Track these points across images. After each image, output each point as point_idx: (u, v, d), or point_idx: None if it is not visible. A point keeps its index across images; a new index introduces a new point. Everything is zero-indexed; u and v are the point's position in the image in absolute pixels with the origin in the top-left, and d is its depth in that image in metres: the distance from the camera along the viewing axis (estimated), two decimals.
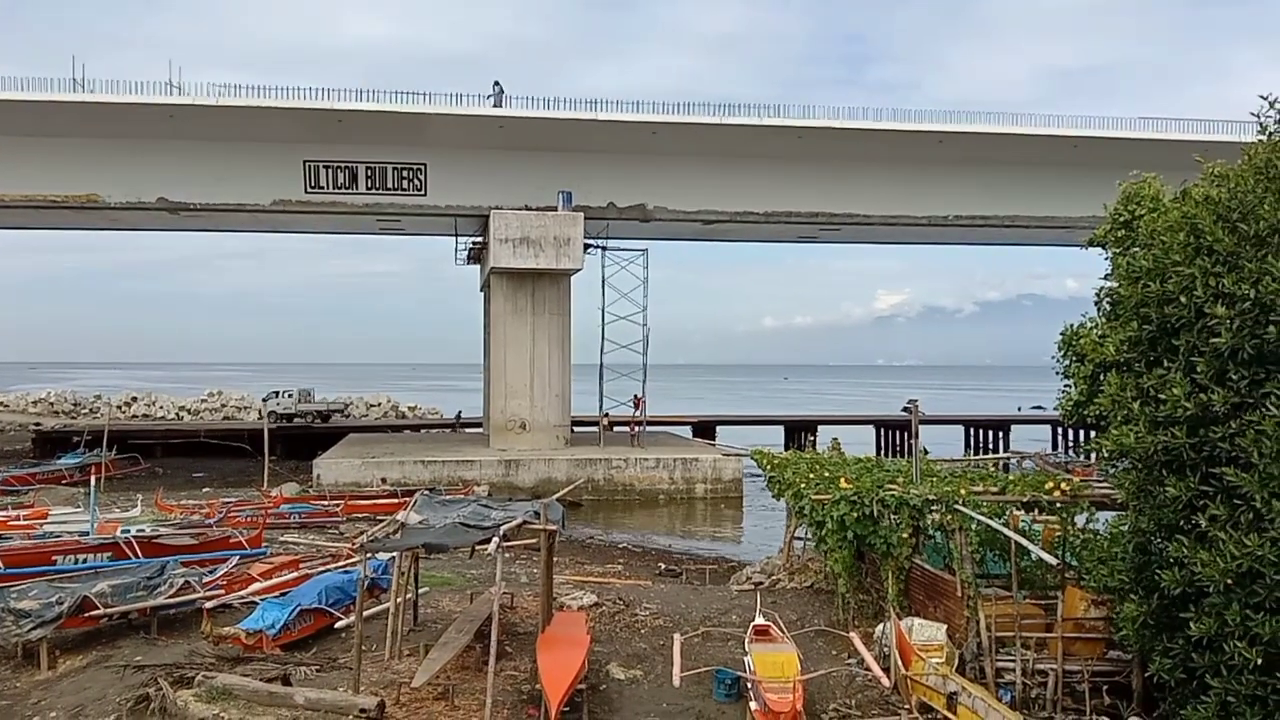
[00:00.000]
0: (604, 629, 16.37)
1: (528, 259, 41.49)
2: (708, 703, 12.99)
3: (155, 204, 41.75)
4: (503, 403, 44.16)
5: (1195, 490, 9.74)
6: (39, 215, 44.84)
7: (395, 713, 12.12)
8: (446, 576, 20.94)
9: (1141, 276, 10.71)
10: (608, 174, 43.60)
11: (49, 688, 13.58)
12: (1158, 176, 14.40)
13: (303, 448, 50.18)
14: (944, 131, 42.77)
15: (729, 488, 41.14)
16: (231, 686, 12.23)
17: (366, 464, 39.59)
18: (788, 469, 19.58)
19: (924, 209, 45.91)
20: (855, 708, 12.75)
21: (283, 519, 29.24)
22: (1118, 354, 10.97)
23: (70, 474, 40.45)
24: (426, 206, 43.06)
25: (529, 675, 13.46)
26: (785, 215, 45.52)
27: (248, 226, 51.80)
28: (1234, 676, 9.25)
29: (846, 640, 14.79)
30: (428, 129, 40.98)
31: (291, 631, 15.20)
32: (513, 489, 37.94)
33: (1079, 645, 13.29)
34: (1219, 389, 9.41)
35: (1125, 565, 11.38)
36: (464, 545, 14.95)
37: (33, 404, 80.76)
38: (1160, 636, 10.57)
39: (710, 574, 23.81)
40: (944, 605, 14.75)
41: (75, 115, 38.82)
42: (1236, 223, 9.84)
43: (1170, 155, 19.44)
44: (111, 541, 20.63)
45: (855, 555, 16.49)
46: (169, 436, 55.83)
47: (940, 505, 15.30)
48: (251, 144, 41.20)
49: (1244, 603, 9.03)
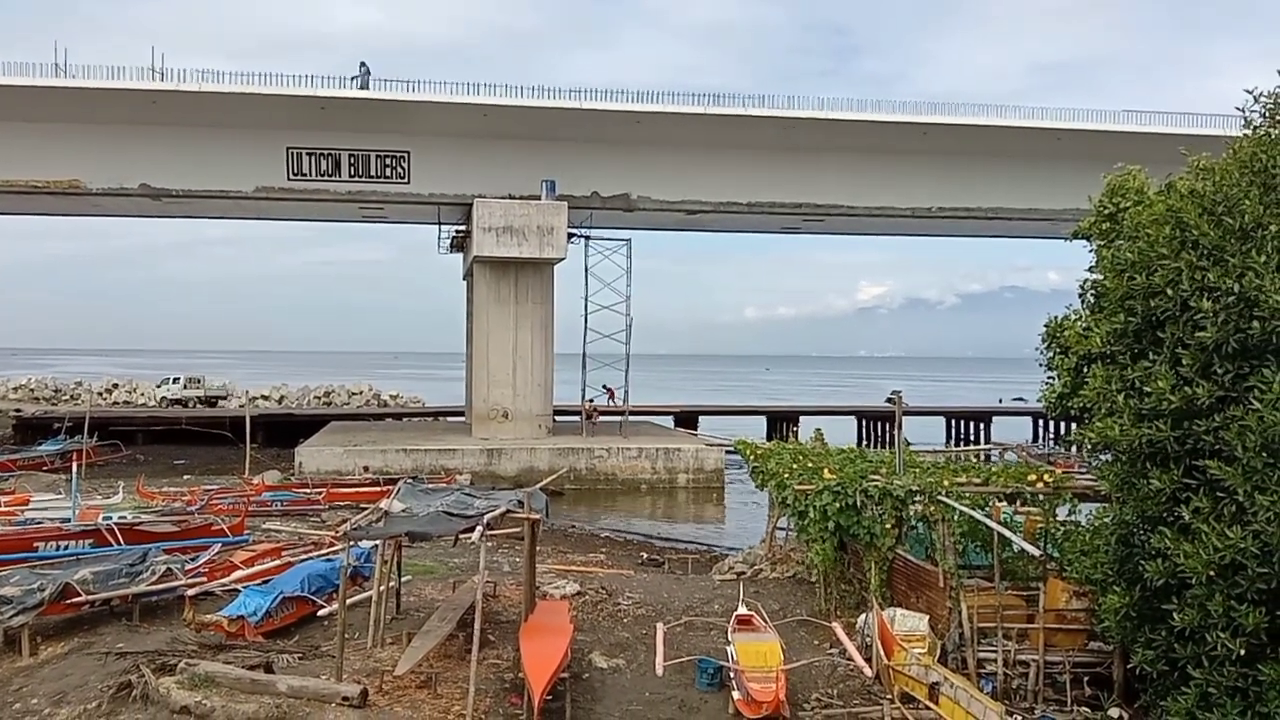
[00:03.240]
0: (587, 618, 16.37)
1: (511, 248, 41.39)
2: (690, 692, 13.01)
3: (137, 190, 41.44)
4: (485, 391, 44.10)
5: (1179, 483, 9.80)
6: (20, 201, 44.44)
7: (378, 701, 12.10)
8: (429, 565, 20.90)
9: (1127, 269, 10.75)
10: (592, 163, 43.51)
11: (31, 674, 13.49)
12: (1143, 169, 14.43)
13: (285, 435, 49.97)
14: (928, 123, 42.84)
15: (711, 478, 41.19)
16: (214, 674, 12.18)
17: (349, 452, 39.46)
18: (771, 459, 19.61)
19: (908, 200, 46.02)
20: (837, 697, 12.80)
21: (265, 506, 29.10)
22: (1103, 346, 11.02)
23: (51, 460, 40.16)
24: (410, 194, 42.90)
25: (512, 664, 13.45)
26: (769, 206, 45.57)
27: (230, 213, 51.49)
28: (1216, 667, 9.33)
29: (829, 630, 14.83)
30: (411, 117, 40.81)
31: (274, 619, 15.16)
32: (495, 478, 37.87)
33: (1060, 636, 13.39)
34: (1204, 382, 9.47)
35: (1108, 557, 11.45)
36: (447, 534, 14.91)
37: (13, 390, 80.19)
38: (1143, 628, 10.65)
39: (693, 563, 23.85)
40: (926, 596, 14.82)
41: (57, 100, 38.47)
42: (1221, 216, 9.89)
43: (1155, 148, 19.54)
44: (93, 528, 20.50)
45: (838, 546, 16.54)
46: (150, 424, 55.45)
47: (923, 496, 15.35)
48: (234, 130, 40.92)
49: (1227, 594, 9.11)
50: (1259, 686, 9.09)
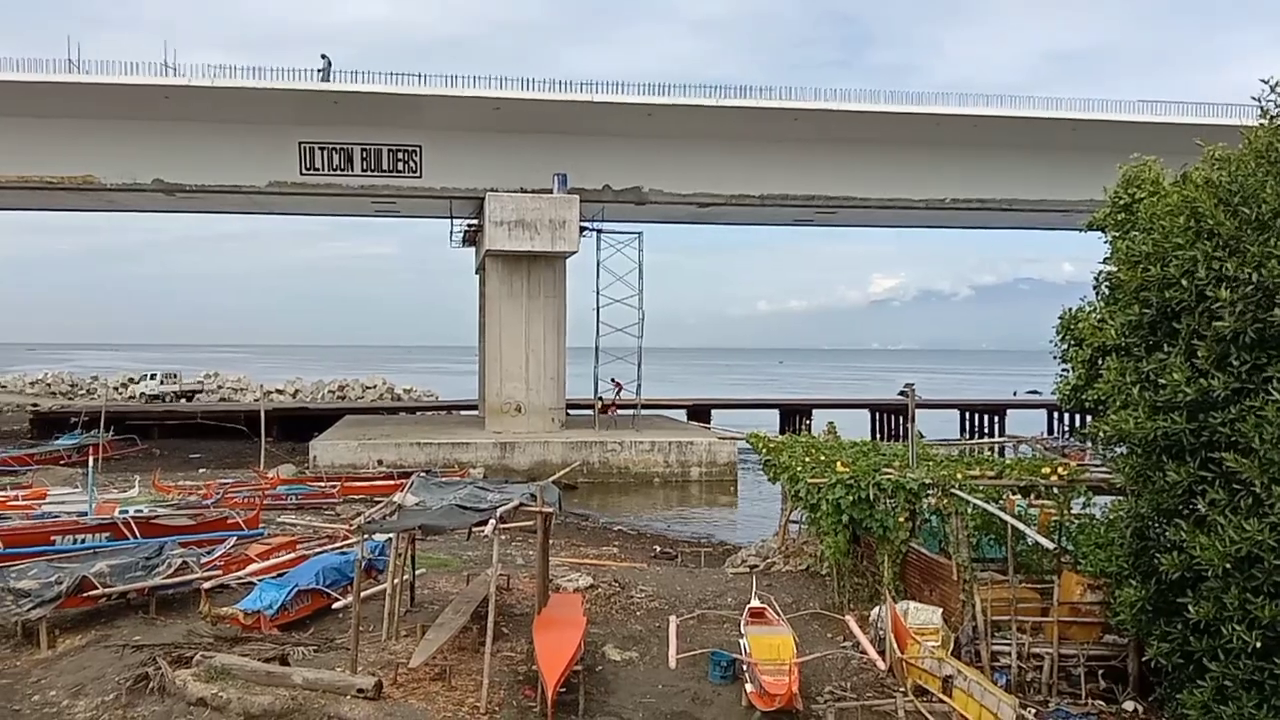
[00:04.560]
0: (600, 611, 16.38)
1: (523, 241, 41.37)
2: (703, 684, 13.01)
3: (151, 185, 41.58)
4: (498, 385, 44.15)
5: (1195, 475, 9.75)
6: (35, 196, 44.68)
7: (392, 693, 12.13)
8: (443, 558, 20.95)
9: (1141, 260, 10.69)
10: (603, 157, 43.45)
11: (49, 666, 13.59)
12: (1158, 159, 14.35)
13: (299, 429, 50.16)
14: (941, 114, 42.61)
15: (724, 471, 41.17)
16: (229, 666, 12.24)
17: (363, 445, 39.56)
18: (783, 452, 19.57)
19: (921, 192, 45.82)
20: (850, 690, 12.79)
21: (279, 500, 29.23)
22: (1118, 338, 10.96)
23: (68, 454, 40.40)
24: (421, 189, 42.93)
25: (525, 656, 13.49)
26: (781, 198, 45.43)
27: (243, 208, 51.60)
28: (1232, 660, 9.29)
29: (842, 623, 14.82)
30: (423, 111, 40.82)
31: (289, 612, 15.20)
32: (508, 471, 37.97)
33: (1075, 629, 13.34)
34: (1219, 374, 9.41)
35: (1123, 550, 11.41)
36: (460, 527, 14.94)
37: (30, 385, 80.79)
38: (1158, 621, 10.61)
39: (705, 557, 23.85)
40: (940, 589, 14.79)
41: (71, 96, 38.59)
42: (1238, 206, 9.82)
43: (1170, 138, 19.39)
44: (110, 522, 20.63)
45: (850, 539, 16.51)
46: (166, 418, 55.76)
47: (936, 489, 15.31)
48: (247, 125, 41.03)
49: (1243, 587, 9.06)
50: (1275, 680, 9.04)
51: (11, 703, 12.48)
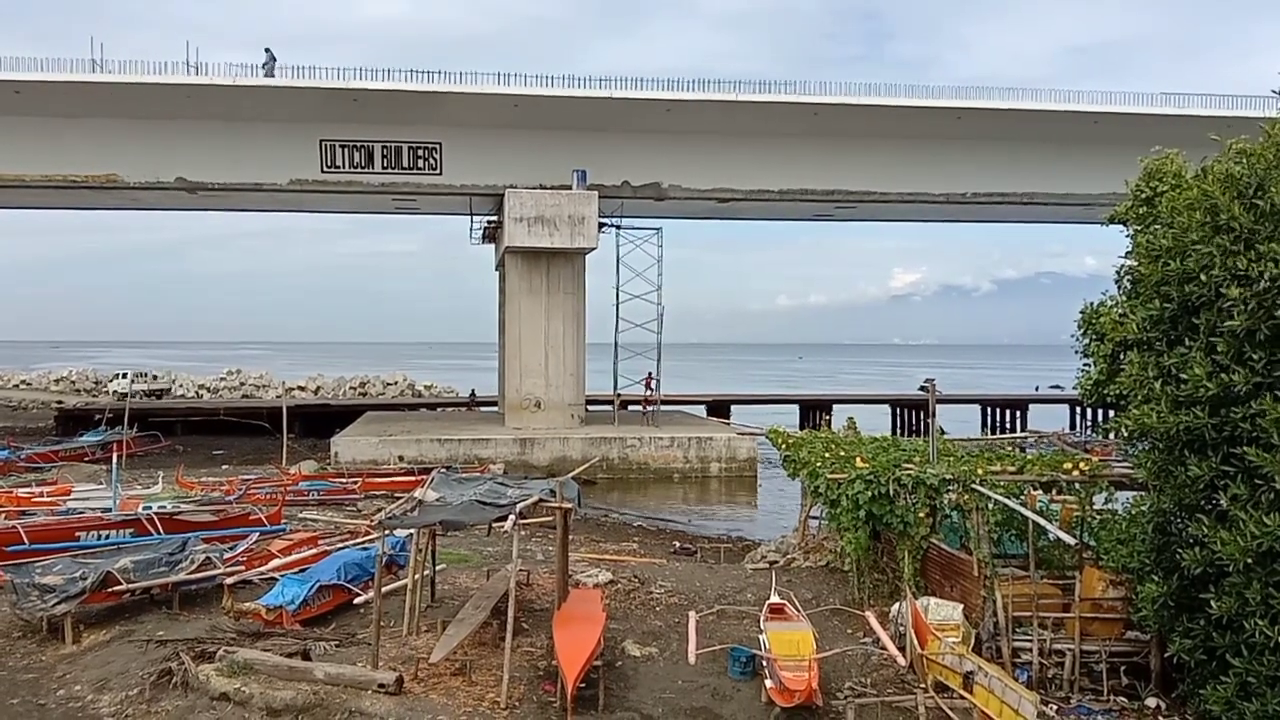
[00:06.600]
0: (619, 606, 16.41)
1: (542, 238, 41.41)
2: (723, 680, 13.02)
3: (174, 184, 41.89)
4: (518, 381, 44.22)
5: (1217, 470, 9.69)
6: (60, 195, 45.09)
7: (413, 688, 12.20)
8: (463, 554, 21.02)
9: (1162, 254, 10.64)
10: (622, 153, 43.47)
11: (74, 661, 13.73)
12: (1180, 153, 14.21)
13: (321, 426, 50.44)
14: (962, 108, 42.40)
15: (743, 467, 41.09)
16: (252, 661, 12.33)
17: (384, 442, 39.73)
18: (803, 448, 19.54)
19: (942, 186, 45.63)
20: (871, 686, 12.76)
21: (301, 496, 29.38)
22: (1139, 333, 10.90)
23: (92, 451, 40.69)
24: (442, 186, 43.05)
25: (545, 651, 13.54)
26: (800, 193, 45.32)
27: (265, 206, 51.91)
28: (1255, 656, 9.24)
29: (862, 619, 14.81)
30: (443, 108, 40.93)
31: (311, 607, 15.30)
32: (528, 467, 38.04)
33: (1097, 625, 13.27)
34: (1240, 369, 9.35)
35: (1145, 545, 11.36)
36: (481, 523, 15.00)
37: (55, 382, 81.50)
38: (1180, 617, 10.56)
39: (725, 553, 23.82)
40: (960, 585, 14.74)
41: (94, 96, 38.93)
42: (1254, 199, 9.74)
43: (1193, 131, 19.19)
44: (134, 518, 20.81)
45: (871, 535, 16.48)
46: (189, 415, 56.16)
47: (957, 484, 15.26)
48: (269, 124, 41.29)
49: (1265, 582, 9.01)
50: None
51: (38, 697, 12.63)
